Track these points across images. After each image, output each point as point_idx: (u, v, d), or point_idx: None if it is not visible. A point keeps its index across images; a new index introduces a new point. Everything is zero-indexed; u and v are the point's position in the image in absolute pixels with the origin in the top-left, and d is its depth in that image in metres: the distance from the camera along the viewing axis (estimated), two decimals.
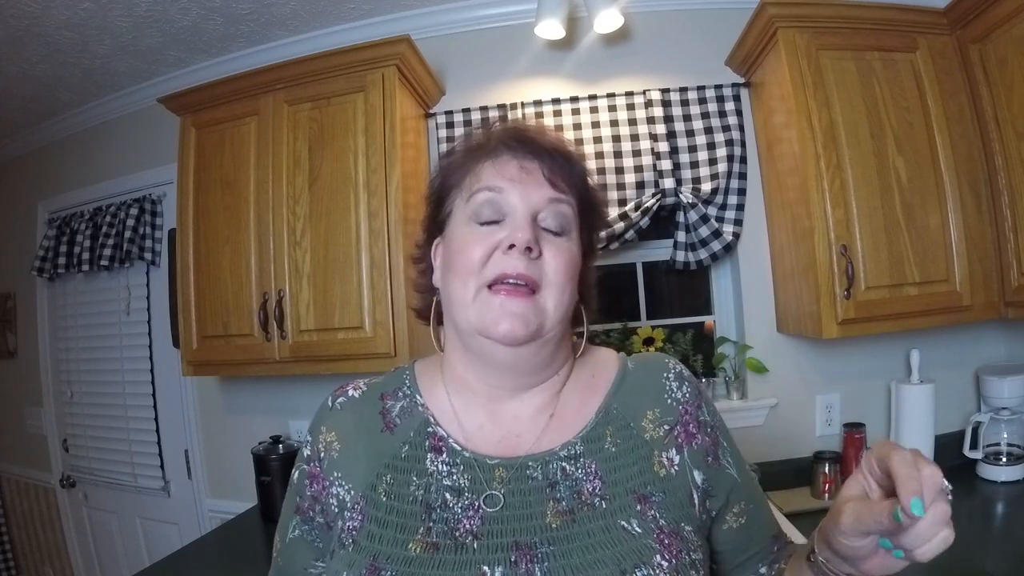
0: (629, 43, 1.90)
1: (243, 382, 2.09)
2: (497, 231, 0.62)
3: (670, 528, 0.59)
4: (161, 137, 2.09)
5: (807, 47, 1.55)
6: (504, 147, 0.65)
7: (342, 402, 0.70)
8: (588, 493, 0.60)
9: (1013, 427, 1.66)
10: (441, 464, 0.63)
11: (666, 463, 0.63)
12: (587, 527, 0.58)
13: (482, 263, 0.61)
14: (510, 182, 0.63)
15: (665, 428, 0.65)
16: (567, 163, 0.66)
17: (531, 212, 0.62)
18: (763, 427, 1.81)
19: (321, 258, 1.64)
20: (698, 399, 0.68)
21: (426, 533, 0.59)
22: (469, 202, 0.64)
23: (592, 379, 0.70)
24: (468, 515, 0.60)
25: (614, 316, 1.94)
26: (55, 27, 1.80)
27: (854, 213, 1.51)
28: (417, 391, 0.69)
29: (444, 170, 0.70)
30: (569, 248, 0.64)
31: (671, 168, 1.79)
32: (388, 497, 0.62)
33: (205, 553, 1.64)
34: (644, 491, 0.61)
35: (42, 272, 2.39)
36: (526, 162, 0.64)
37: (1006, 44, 1.45)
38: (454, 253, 0.64)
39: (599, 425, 0.65)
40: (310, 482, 0.67)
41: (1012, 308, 1.53)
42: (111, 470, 2.37)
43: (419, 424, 0.66)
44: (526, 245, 0.60)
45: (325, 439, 0.68)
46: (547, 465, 0.62)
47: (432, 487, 0.62)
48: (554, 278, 0.62)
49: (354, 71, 1.65)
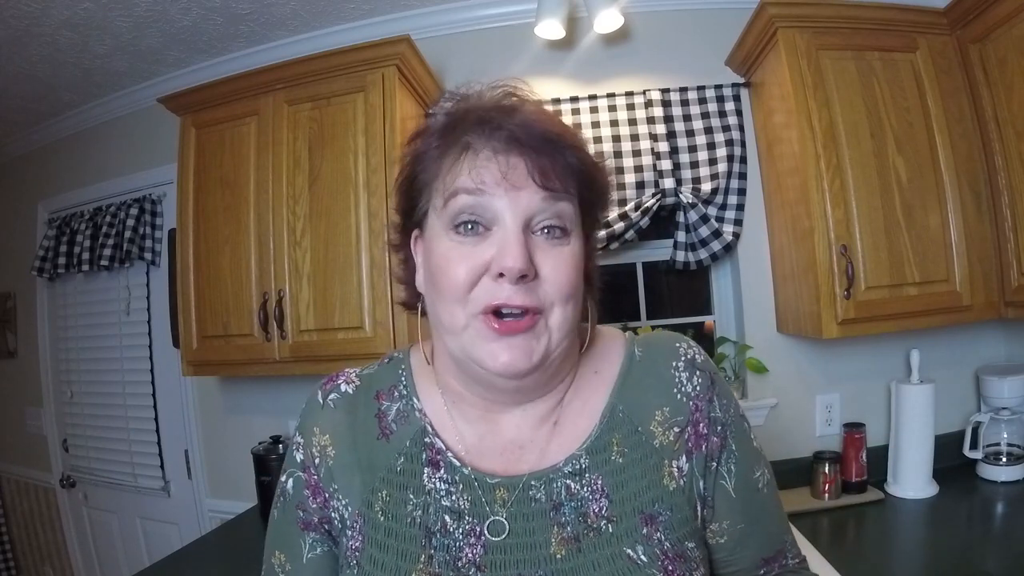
0: (629, 43, 1.90)
1: (243, 382, 2.08)
2: (482, 246, 0.53)
3: (675, 552, 0.56)
4: (161, 137, 2.09)
5: (807, 47, 1.54)
6: (482, 140, 0.54)
7: (334, 399, 0.65)
8: (594, 515, 0.57)
9: (1013, 427, 1.66)
10: (439, 481, 0.59)
11: (676, 473, 0.59)
12: (592, 557, 0.55)
13: (468, 287, 0.53)
14: (493, 184, 0.52)
15: (675, 431, 0.60)
16: (560, 152, 0.54)
17: (522, 220, 0.53)
18: (763, 427, 1.81)
19: (321, 258, 1.64)
20: (710, 391, 0.62)
21: (427, 562, 0.56)
22: (446, 207, 0.54)
23: (595, 376, 0.64)
24: (470, 542, 0.56)
25: (614, 316, 1.94)
26: (55, 27, 1.80)
27: (854, 213, 1.51)
28: (414, 393, 0.64)
29: (415, 160, 0.59)
30: (571, 252, 0.56)
31: (671, 168, 1.79)
32: (385, 517, 0.59)
33: (205, 553, 1.64)
34: (651, 510, 0.57)
35: (42, 272, 2.39)
36: (510, 158, 0.53)
37: (1006, 44, 1.44)
38: (435, 270, 0.56)
39: (604, 433, 0.60)
40: (312, 494, 0.62)
41: (1012, 308, 1.53)
42: (111, 470, 2.37)
43: (415, 432, 0.62)
44: (519, 274, 0.51)
45: (319, 442, 0.63)
46: (551, 484, 0.58)
47: (430, 507, 0.58)
48: (557, 296, 0.54)
49: (354, 71, 1.65)
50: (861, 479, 1.65)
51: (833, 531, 1.50)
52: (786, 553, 0.67)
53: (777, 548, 0.67)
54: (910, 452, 1.62)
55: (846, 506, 1.60)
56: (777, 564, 0.66)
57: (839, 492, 1.64)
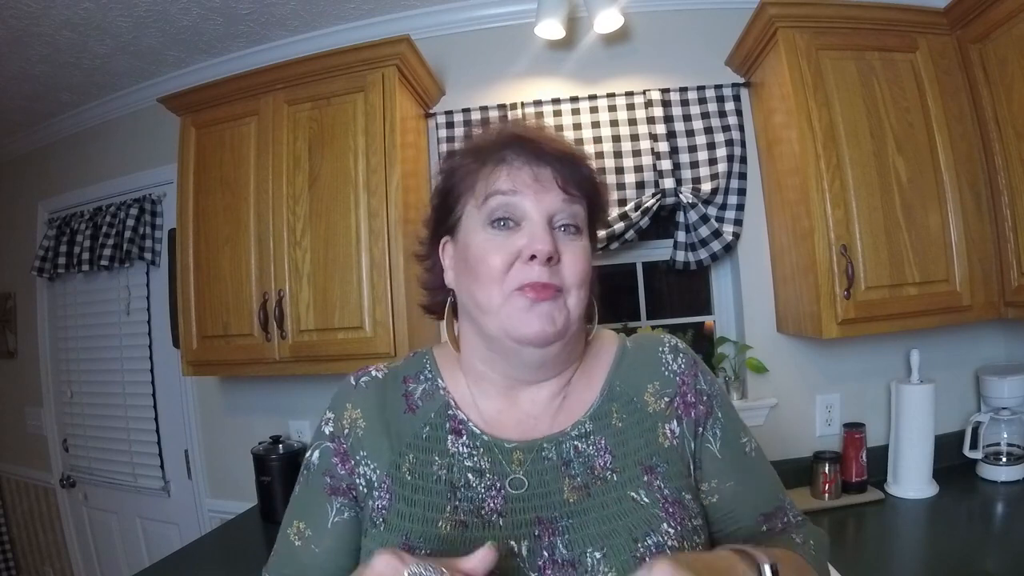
0: (629, 43, 1.90)
1: (243, 382, 2.08)
2: (514, 237, 0.64)
3: (673, 497, 0.64)
4: (161, 137, 2.09)
5: (807, 47, 1.55)
6: (514, 153, 0.66)
7: (366, 381, 0.73)
8: (600, 468, 0.65)
9: (1013, 427, 1.66)
10: (461, 446, 0.67)
11: (669, 434, 0.68)
12: (601, 499, 0.63)
13: (504, 271, 0.63)
14: (524, 187, 0.64)
15: (666, 400, 0.70)
16: (576, 166, 0.68)
17: (547, 216, 0.64)
18: (763, 427, 1.81)
19: (321, 258, 1.64)
20: (694, 368, 0.73)
21: (453, 512, 0.63)
22: (483, 207, 0.66)
23: (595, 360, 0.74)
24: (491, 495, 0.64)
25: (614, 316, 1.94)
26: (55, 27, 1.80)
27: (854, 213, 1.51)
28: (439, 375, 0.73)
29: (451, 174, 0.71)
30: (583, 246, 0.67)
31: (671, 168, 1.79)
32: (413, 476, 0.65)
33: (205, 553, 1.64)
34: (650, 462, 0.66)
35: (42, 272, 2.39)
36: (538, 168, 0.65)
37: (1006, 44, 1.44)
38: (474, 260, 0.65)
39: (605, 403, 0.69)
40: (340, 461, 0.68)
41: (1012, 308, 1.53)
42: (111, 470, 2.37)
43: (440, 407, 0.70)
44: (547, 256, 0.62)
45: (350, 415, 0.70)
46: (560, 445, 0.66)
47: (455, 467, 0.65)
48: (574, 280, 0.65)
49: (354, 71, 1.65)
50: (861, 479, 1.66)
51: (833, 531, 1.50)
52: (786, 510, 0.73)
53: (775, 505, 0.72)
54: (910, 452, 1.62)
55: (846, 506, 1.60)
56: (779, 520, 0.72)
57: (839, 492, 1.64)
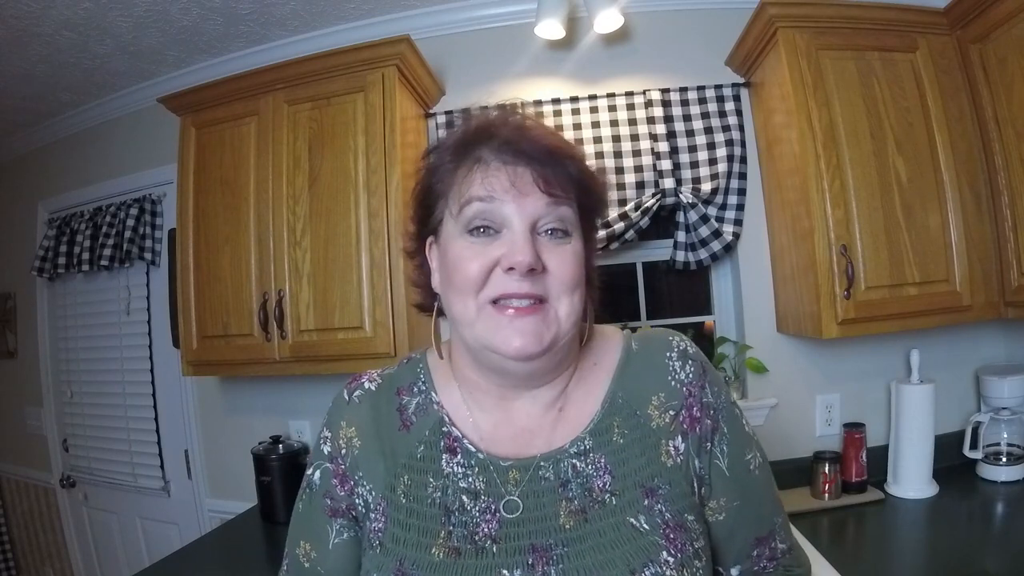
0: (629, 43, 1.90)
1: (243, 382, 2.08)
2: (494, 245, 0.59)
3: (675, 521, 0.61)
4: (161, 137, 2.09)
5: (807, 47, 1.54)
6: (491, 153, 0.61)
7: (359, 395, 0.70)
8: (599, 490, 0.62)
9: (1013, 427, 1.66)
10: (456, 466, 0.64)
11: (672, 452, 0.64)
12: (598, 526, 0.60)
13: (481, 280, 0.59)
14: (503, 192, 0.59)
15: (671, 414, 0.65)
16: (561, 164, 0.61)
17: (529, 223, 0.59)
18: (763, 427, 1.81)
19: (321, 258, 1.64)
20: (702, 378, 0.67)
21: (447, 537, 0.61)
22: (460, 215, 0.61)
23: (595, 367, 0.69)
24: (486, 519, 0.61)
25: (614, 316, 1.94)
26: (55, 27, 1.80)
27: (854, 213, 1.51)
28: (432, 388, 0.70)
29: (430, 173, 0.66)
30: (573, 250, 0.62)
31: (671, 168, 1.79)
32: (407, 499, 0.64)
33: (205, 553, 1.64)
34: (651, 484, 0.62)
35: (42, 272, 2.39)
36: (518, 168, 0.60)
37: (1006, 44, 1.44)
38: (450, 269, 0.62)
39: (606, 416, 0.65)
40: (339, 483, 0.67)
41: (1012, 308, 1.53)
42: (111, 470, 2.37)
43: (434, 423, 0.67)
44: (528, 268, 0.57)
45: (345, 435, 0.68)
46: (558, 464, 0.63)
47: (449, 489, 0.63)
48: (562, 288, 0.60)
49: (354, 71, 1.65)
50: (861, 479, 1.65)
51: (833, 531, 1.50)
52: (775, 535, 0.70)
53: (768, 529, 0.70)
54: (910, 452, 1.62)
55: (846, 506, 1.60)
56: (767, 547, 0.69)
57: (839, 492, 1.64)
